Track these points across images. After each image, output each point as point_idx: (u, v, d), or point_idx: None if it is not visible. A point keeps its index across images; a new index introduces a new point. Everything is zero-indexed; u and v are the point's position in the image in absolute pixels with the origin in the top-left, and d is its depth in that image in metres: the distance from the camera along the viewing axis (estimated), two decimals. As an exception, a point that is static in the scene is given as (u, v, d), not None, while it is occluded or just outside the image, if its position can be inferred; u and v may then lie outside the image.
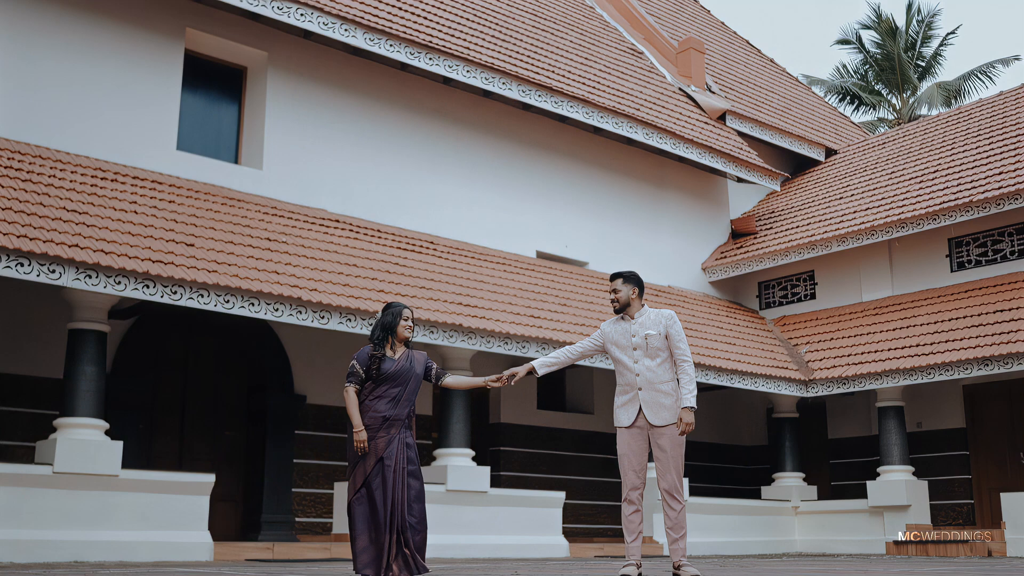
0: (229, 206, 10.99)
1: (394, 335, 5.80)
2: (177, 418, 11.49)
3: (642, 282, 6.59)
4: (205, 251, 9.46)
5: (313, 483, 12.01)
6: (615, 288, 6.55)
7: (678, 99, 17.40)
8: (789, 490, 14.69)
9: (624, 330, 6.47)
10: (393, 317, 5.82)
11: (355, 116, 12.88)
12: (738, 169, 16.79)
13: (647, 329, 6.40)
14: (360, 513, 5.58)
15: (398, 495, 5.55)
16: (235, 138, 12.40)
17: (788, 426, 15.02)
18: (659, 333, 6.38)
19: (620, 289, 6.53)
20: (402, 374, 5.71)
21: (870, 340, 14.40)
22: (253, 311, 9.25)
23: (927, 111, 31.05)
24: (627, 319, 6.49)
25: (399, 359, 5.77)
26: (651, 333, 6.37)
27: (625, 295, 6.51)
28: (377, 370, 5.69)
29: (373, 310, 9.88)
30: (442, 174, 13.64)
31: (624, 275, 6.59)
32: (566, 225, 15.04)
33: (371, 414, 5.62)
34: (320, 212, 12.16)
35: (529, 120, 14.74)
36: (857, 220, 15.44)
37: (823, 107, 22.65)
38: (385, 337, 5.78)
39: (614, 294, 6.54)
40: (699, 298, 16.34)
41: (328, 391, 12.28)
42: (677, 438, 6.28)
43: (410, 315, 5.91)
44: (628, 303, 6.51)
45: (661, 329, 6.39)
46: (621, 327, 6.50)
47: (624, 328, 6.47)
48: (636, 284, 6.57)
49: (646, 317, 6.48)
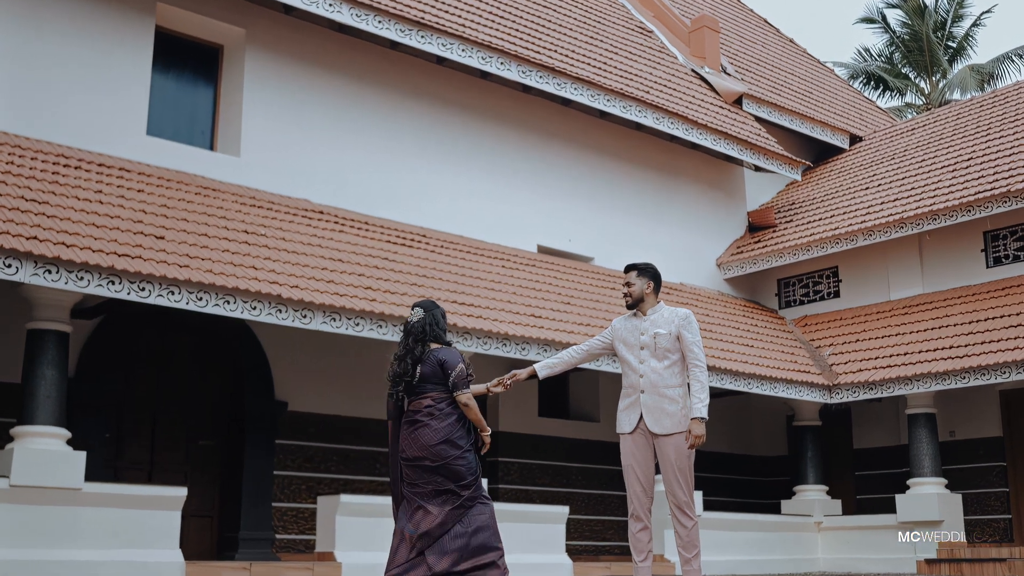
0: (203, 196, 10.91)
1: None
2: (147, 426, 11.42)
3: (659, 276, 6.49)
4: (176, 244, 9.36)
5: (295, 497, 11.96)
6: (628, 281, 6.45)
7: (691, 81, 17.38)
8: (811, 504, 14.66)
9: (634, 327, 6.37)
10: (445, 319, 6.14)
11: (341, 99, 12.85)
12: (756, 156, 16.76)
13: (657, 327, 6.30)
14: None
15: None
16: (210, 122, 12.37)
17: (810, 435, 15.01)
18: (670, 333, 6.28)
19: (634, 282, 6.42)
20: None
21: (899, 342, 14.36)
22: (228, 310, 9.15)
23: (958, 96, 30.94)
24: (639, 316, 6.38)
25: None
26: (661, 332, 6.26)
27: (639, 289, 6.41)
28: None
29: (359, 308, 9.82)
30: (435, 162, 13.62)
31: (639, 267, 6.48)
32: (569, 217, 15.03)
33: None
34: (302, 203, 12.11)
35: (530, 104, 14.71)
36: (885, 212, 15.39)
37: (847, 91, 22.65)
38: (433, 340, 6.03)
39: (627, 287, 6.44)
40: (713, 296, 16.33)
41: (311, 396, 12.24)
42: (683, 448, 6.17)
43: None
44: (642, 298, 6.40)
45: (673, 329, 6.29)
46: (631, 324, 6.40)
47: (634, 325, 6.38)
48: (652, 278, 6.46)
49: (659, 315, 6.38)
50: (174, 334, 11.57)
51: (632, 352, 6.31)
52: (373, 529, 10.13)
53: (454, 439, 5.81)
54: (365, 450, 12.52)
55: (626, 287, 6.46)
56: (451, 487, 5.76)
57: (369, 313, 9.91)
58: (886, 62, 32.98)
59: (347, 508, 10.21)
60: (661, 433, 6.17)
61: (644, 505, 6.26)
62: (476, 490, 5.81)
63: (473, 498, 5.80)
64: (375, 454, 12.58)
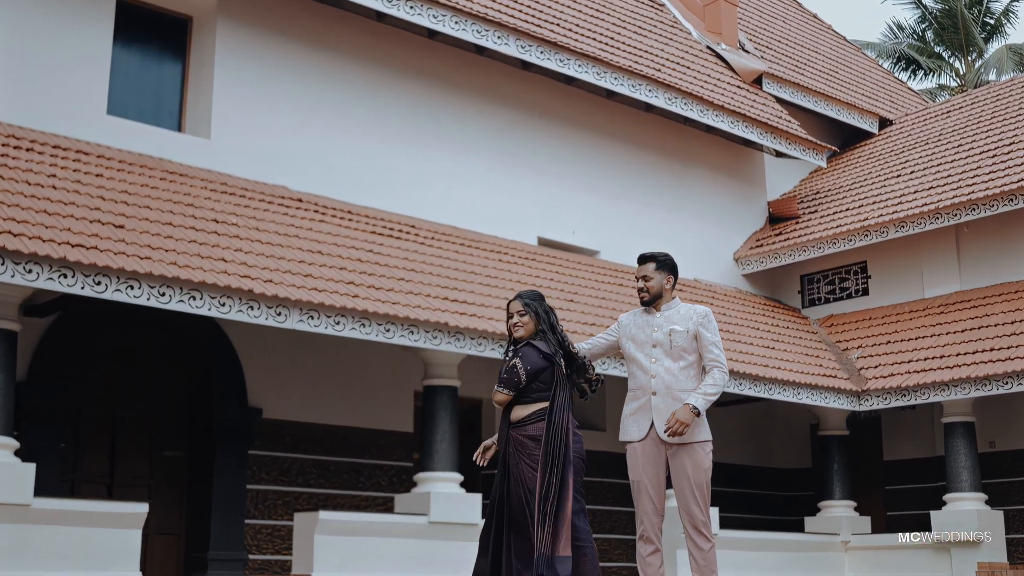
0: (169, 181, 10.80)
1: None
2: (106, 435, 11.33)
3: (677, 268, 6.28)
4: (137, 234, 9.21)
5: (270, 513, 11.87)
6: (645, 275, 6.22)
7: (706, 59, 17.32)
8: (838, 521, 14.61)
9: (646, 323, 6.18)
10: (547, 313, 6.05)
11: (323, 76, 12.77)
12: (777, 141, 16.71)
13: (673, 324, 6.11)
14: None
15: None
16: (178, 101, 12.26)
17: (836, 445, 14.96)
18: (687, 331, 6.10)
19: (651, 276, 6.21)
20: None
21: (934, 343, 14.31)
22: (194, 306, 8.98)
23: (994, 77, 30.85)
24: (652, 311, 6.17)
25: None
26: (677, 329, 6.07)
27: (657, 284, 6.21)
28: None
29: (340, 305, 9.70)
30: (426, 146, 13.54)
31: (658, 259, 6.25)
32: (573, 207, 14.96)
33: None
34: (279, 190, 12.02)
35: (530, 82, 14.61)
36: (918, 201, 15.33)
37: (875, 70, 22.65)
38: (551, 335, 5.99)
39: (644, 282, 6.21)
40: (731, 294, 16.28)
41: (288, 402, 12.14)
42: (700, 459, 6.00)
43: (515, 311, 5.97)
44: (660, 294, 6.19)
45: (691, 327, 6.11)
46: (643, 319, 6.21)
47: (646, 321, 6.18)
48: (671, 271, 6.27)
49: (675, 311, 6.19)
50: (137, 334, 11.47)
51: (642, 350, 6.12)
52: (354, 549, 10.03)
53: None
54: (347, 462, 12.43)
55: (642, 282, 6.23)
56: None
57: (351, 311, 9.77)
58: (918, 40, 32.88)
59: (327, 526, 10.07)
60: (675, 442, 5.98)
61: (655, 525, 6.07)
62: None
63: None
64: (358, 466, 12.49)
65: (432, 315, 10.39)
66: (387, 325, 10.01)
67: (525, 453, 5.68)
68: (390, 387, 12.82)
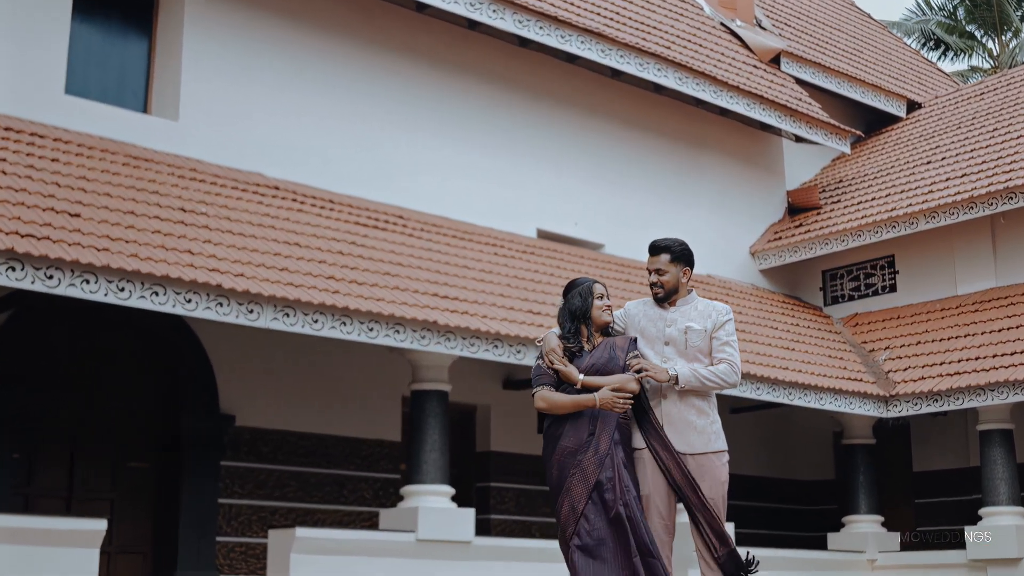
0: (132, 167, 10.74)
1: (589, 323, 5.85)
2: (65, 445, 11.27)
3: (693, 258, 6.06)
4: (96, 224, 9.12)
5: (244, 529, 11.84)
6: (659, 267, 5.98)
7: (719, 36, 17.30)
8: (863, 538, 14.56)
9: (658, 316, 5.98)
10: (583, 299, 5.85)
11: (302, 54, 12.73)
12: (796, 125, 16.70)
13: (689, 321, 5.92)
14: (583, 568, 5.57)
15: (635, 525, 5.59)
16: (144, 80, 12.23)
17: (862, 455, 14.92)
18: (705, 330, 5.93)
19: (666, 270, 5.97)
20: (601, 370, 5.74)
21: (968, 344, 14.24)
22: (156, 302, 8.89)
23: (1032, 59, 30.81)
24: (666, 305, 5.97)
25: (597, 351, 5.81)
26: (694, 328, 5.88)
27: (673, 278, 5.99)
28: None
29: (318, 302, 9.61)
30: (414, 130, 13.51)
31: (673, 249, 6.01)
32: (575, 197, 14.95)
33: (570, 436, 5.69)
34: (254, 176, 11.97)
35: (528, 60, 14.56)
36: (951, 189, 15.29)
37: (903, 50, 22.66)
38: (578, 329, 5.85)
39: (657, 276, 5.98)
40: (747, 291, 16.26)
41: (264, 409, 12.12)
42: (715, 472, 5.84)
43: (604, 291, 5.92)
44: (676, 289, 5.96)
45: (709, 326, 5.93)
46: (654, 312, 6.01)
47: (658, 314, 5.98)
48: (687, 262, 6.03)
49: (692, 307, 5.99)
50: (99, 334, 11.43)
51: (653, 347, 5.92)
52: (334, 569, 9.96)
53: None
54: (329, 473, 12.41)
55: (655, 275, 5.98)
56: None
57: (330, 307, 9.69)
58: (948, 18, 32.78)
59: (304, 544, 9.95)
60: (687, 452, 5.82)
61: (665, 544, 5.88)
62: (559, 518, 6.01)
63: None
64: (341, 478, 12.47)
65: (420, 313, 10.31)
66: (370, 324, 9.94)
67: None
68: (376, 392, 12.79)
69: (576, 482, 5.63)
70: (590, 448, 5.67)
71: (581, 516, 5.60)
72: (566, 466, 5.68)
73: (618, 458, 5.68)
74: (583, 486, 5.62)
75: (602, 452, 5.66)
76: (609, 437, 5.70)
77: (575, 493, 5.62)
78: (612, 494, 5.60)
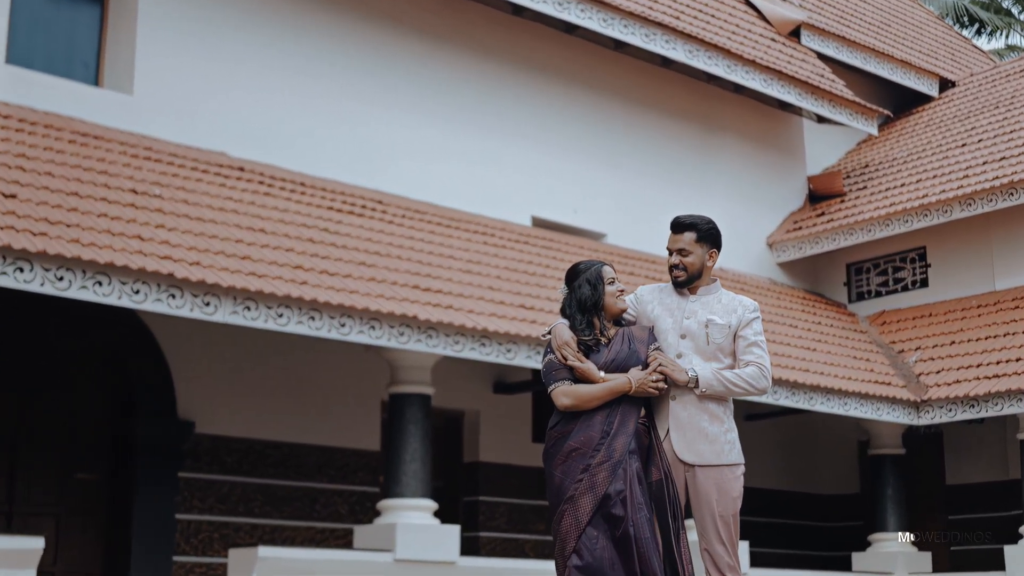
0: (80, 144, 10.78)
1: (601, 313, 5.60)
2: (4, 454, 11.26)
3: (721, 240, 5.77)
4: (33, 206, 9.05)
5: (204, 548, 11.85)
6: (682, 247, 5.70)
7: (734, 5, 17.32)
8: (892, 558, 14.51)
9: (676, 304, 5.71)
10: (592, 286, 5.60)
11: (271, 22, 12.73)
12: (818, 103, 16.79)
13: (712, 314, 5.65)
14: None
15: (643, 548, 5.32)
16: (95, 50, 12.26)
17: (890, 466, 14.94)
18: (728, 326, 5.65)
19: (691, 251, 5.71)
20: (620, 366, 5.52)
21: (1007, 344, 14.22)
22: (100, 293, 8.80)
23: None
24: (685, 292, 5.71)
25: (615, 344, 5.58)
26: (717, 322, 5.62)
27: (698, 260, 5.72)
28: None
29: (283, 294, 9.55)
30: (396, 107, 13.54)
31: (699, 227, 5.74)
32: (574, 182, 14.99)
33: (580, 435, 5.46)
34: (216, 156, 12.00)
35: (523, 30, 14.56)
36: (988, 174, 15.26)
37: (934, 24, 22.75)
38: (590, 321, 5.59)
39: (680, 257, 5.71)
40: (764, 286, 16.27)
41: (226, 414, 12.17)
42: (729, 486, 5.60)
43: (613, 274, 5.69)
44: (699, 274, 5.70)
45: (733, 322, 5.66)
46: (672, 299, 5.74)
47: (676, 303, 5.72)
48: (715, 244, 5.75)
49: (715, 298, 5.72)
50: (43, 331, 11.40)
51: (667, 339, 5.64)
52: None
53: None
54: (299, 486, 12.50)
55: (677, 256, 5.69)
56: None
57: (297, 300, 9.66)
58: (983, -8, 32.80)
59: (268, 565, 9.90)
60: (696, 463, 5.58)
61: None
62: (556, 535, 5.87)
63: None
64: (313, 492, 12.52)
65: (399, 307, 10.29)
66: (342, 319, 9.92)
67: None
68: (352, 396, 12.86)
69: (583, 491, 5.37)
70: (602, 451, 5.41)
71: (584, 532, 5.35)
72: (571, 471, 5.42)
73: (632, 469, 5.43)
74: (591, 497, 5.36)
75: (616, 459, 5.40)
76: (626, 441, 5.44)
77: (581, 504, 5.36)
78: (622, 510, 5.34)
